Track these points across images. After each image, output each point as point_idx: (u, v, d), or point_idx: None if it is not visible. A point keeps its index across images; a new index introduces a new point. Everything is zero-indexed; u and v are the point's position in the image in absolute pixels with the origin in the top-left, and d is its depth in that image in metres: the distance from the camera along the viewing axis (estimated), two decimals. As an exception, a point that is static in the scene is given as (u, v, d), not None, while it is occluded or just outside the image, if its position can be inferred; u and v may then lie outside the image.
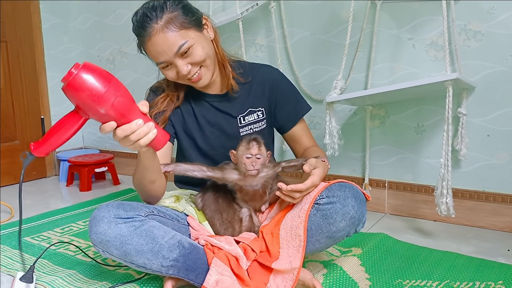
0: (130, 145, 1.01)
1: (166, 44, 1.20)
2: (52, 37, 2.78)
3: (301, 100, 1.47)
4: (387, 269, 1.37)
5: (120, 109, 0.95)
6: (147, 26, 1.20)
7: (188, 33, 1.22)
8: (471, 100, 1.72)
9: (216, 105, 1.39)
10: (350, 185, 1.18)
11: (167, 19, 1.20)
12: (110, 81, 0.93)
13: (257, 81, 1.41)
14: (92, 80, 0.90)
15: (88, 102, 0.91)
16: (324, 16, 1.99)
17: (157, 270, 1.13)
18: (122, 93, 0.95)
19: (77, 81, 0.89)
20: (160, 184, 1.26)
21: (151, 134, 1.00)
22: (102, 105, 0.92)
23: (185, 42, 1.21)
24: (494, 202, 1.72)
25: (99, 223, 1.11)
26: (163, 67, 1.28)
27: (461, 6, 1.69)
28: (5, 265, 1.44)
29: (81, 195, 2.36)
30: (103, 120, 0.96)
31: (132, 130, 0.97)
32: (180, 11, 1.22)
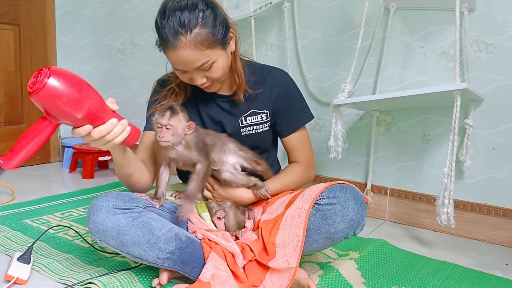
0: (103, 144, 1.03)
1: (189, 59, 1.17)
2: (65, 24, 2.80)
3: (305, 109, 1.45)
4: (383, 274, 1.36)
5: (95, 112, 0.93)
6: (174, 37, 1.14)
7: (213, 51, 1.19)
8: (478, 112, 1.71)
9: (222, 104, 1.38)
10: (351, 187, 1.18)
11: (196, 35, 1.14)
12: (82, 84, 0.90)
13: (267, 84, 1.38)
14: (65, 86, 0.87)
15: (63, 108, 0.88)
16: (336, 19, 1.99)
17: (153, 261, 1.14)
18: (94, 95, 0.93)
19: (50, 88, 0.85)
20: (138, 177, 1.26)
21: (125, 132, 1.03)
22: (78, 110, 0.90)
23: (208, 60, 1.18)
24: (496, 215, 1.71)
25: (97, 213, 1.11)
26: (178, 71, 1.25)
27: (474, 17, 1.68)
28: (4, 245, 1.45)
29: (83, 182, 2.37)
30: (78, 124, 0.94)
31: (108, 130, 1.00)
32: (210, 26, 1.16)
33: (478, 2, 1.66)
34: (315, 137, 2.10)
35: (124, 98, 2.82)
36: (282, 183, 1.37)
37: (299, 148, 1.44)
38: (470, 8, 1.67)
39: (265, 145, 1.44)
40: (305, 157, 1.44)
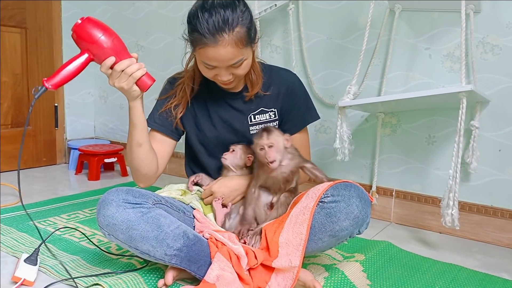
0: (125, 80, 1.16)
1: (227, 56, 1.19)
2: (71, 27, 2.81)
3: (312, 109, 1.47)
4: (389, 276, 1.36)
5: (117, 47, 1.15)
6: (217, 32, 1.15)
7: (247, 50, 1.23)
8: (484, 114, 1.71)
9: (232, 103, 1.40)
10: (355, 185, 1.18)
11: (237, 33, 1.17)
12: (108, 29, 1.15)
13: (275, 84, 1.41)
14: (95, 25, 1.14)
15: (92, 41, 1.13)
16: (341, 21, 1.99)
17: (160, 258, 1.14)
18: (117, 38, 1.16)
19: (84, 25, 1.13)
20: (147, 151, 1.30)
21: (142, 70, 1.17)
22: (104, 42, 1.13)
23: (242, 58, 1.22)
24: (502, 218, 1.71)
25: (108, 206, 1.13)
26: (206, 67, 1.25)
27: (480, 18, 1.68)
28: (11, 246, 1.46)
29: (89, 184, 2.38)
30: (104, 57, 1.15)
31: (128, 64, 1.14)
32: (248, 26, 1.20)
33: (483, 3, 1.66)
34: (320, 139, 2.10)
35: (129, 100, 2.83)
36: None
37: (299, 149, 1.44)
38: (475, 9, 1.66)
39: None
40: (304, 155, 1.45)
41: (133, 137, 1.27)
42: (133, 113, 1.24)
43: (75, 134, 2.92)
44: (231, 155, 1.35)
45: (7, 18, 2.50)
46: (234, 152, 1.36)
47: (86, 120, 2.98)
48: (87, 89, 2.95)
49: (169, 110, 1.40)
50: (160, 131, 1.40)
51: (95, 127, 3.03)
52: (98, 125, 3.01)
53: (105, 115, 2.97)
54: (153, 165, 1.33)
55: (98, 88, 2.98)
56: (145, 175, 1.33)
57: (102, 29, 1.14)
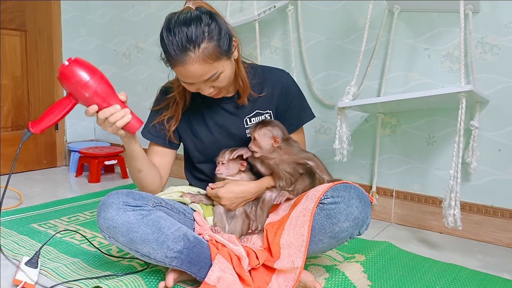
0: (109, 127, 1.18)
1: (198, 73, 1.19)
2: (71, 29, 2.82)
3: (306, 108, 1.47)
4: (389, 277, 1.36)
5: (101, 95, 1.15)
6: (183, 53, 1.16)
7: (220, 63, 1.21)
8: (484, 114, 1.71)
9: (227, 107, 1.40)
10: (355, 186, 1.18)
11: (204, 50, 1.16)
12: (95, 72, 1.15)
13: (268, 84, 1.40)
14: (79, 71, 1.12)
15: (75, 87, 1.13)
16: (340, 22, 1.99)
17: (160, 260, 1.14)
18: (104, 83, 1.15)
19: (68, 71, 1.12)
20: (147, 174, 1.35)
21: (126, 118, 1.18)
22: (86, 90, 1.13)
23: (216, 72, 1.21)
24: (502, 217, 1.71)
25: (108, 209, 1.13)
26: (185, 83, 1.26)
27: (479, 19, 1.68)
28: (12, 249, 1.46)
29: (89, 186, 2.38)
30: (88, 103, 1.15)
31: (110, 113, 1.15)
32: (216, 39, 1.18)
33: (482, 3, 1.66)
34: (320, 140, 2.10)
35: (129, 102, 2.79)
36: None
37: None
38: (474, 9, 1.66)
39: None
40: None
41: (132, 165, 1.33)
42: (127, 148, 1.28)
43: (75, 136, 2.92)
44: (223, 168, 1.35)
45: (7, 21, 2.51)
46: (224, 164, 1.36)
47: (86, 122, 2.98)
48: (87, 92, 2.95)
49: (162, 123, 1.40)
50: (157, 143, 1.42)
51: (95, 130, 3.03)
52: (98, 127, 3.01)
53: (105, 117, 2.97)
54: (156, 181, 1.38)
55: (98, 90, 2.97)
56: (150, 190, 1.36)
57: (89, 73, 1.13)
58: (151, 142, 1.43)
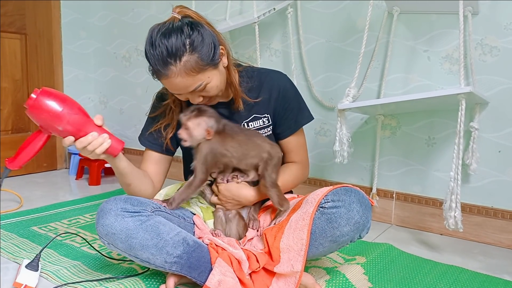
0: (89, 154, 1.15)
1: (181, 85, 1.18)
2: (71, 32, 2.83)
3: (305, 109, 1.44)
4: (390, 279, 1.36)
5: (75, 125, 1.10)
6: (164, 67, 1.15)
7: (205, 74, 1.19)
8: (483, 115, 1.71)
9: (223, 111, 1.37)
10: (356, 190, 1.18)
11: (186, 62, 1.14)
12: (65, 101, 1.09)
13: (265, 88, 1.38)
14: (49, 102, 1.06)
15: (47, 121, 1.08)
16: (340, 24, 2.00)
17: (160, 265, 1.14)
18: (76, 111, 1.10)
19: (37, 104, 1.06)
20: (136, 186, 1.32)
21: (106, 144, 1.14)
22: (59, 123, 1.08)
23: (201, 83, 1.19)
24: (503, 219, 1.71)
25: (106, 216, 1.12)
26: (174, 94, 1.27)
27: (478, 20, 1.68)
28: (12, 252, 1.46)
29: (89, 189, 2.38)
30: (63, 135, 1.11)
31: (88, 141, 1.12)
32: (198, 51, 1.16)
33: (481, 5, 1.66)
34: (320, 142, 2.10)
35: (129, 105, 2.84)
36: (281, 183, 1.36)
37: (296, 150, 1.44)
38: (473, 11, 1.67)
39: None
40: (301, 158, 1.45)
41: (121, 180, 1.31)
42: (113, 166, 1.26)
43: (75, 139, 2.92)
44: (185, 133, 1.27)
45: (7, 24, 2.51)
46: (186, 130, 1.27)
47: (86, 125, 2.98)
48: (87, 94, 2.96)
49: (159, 130, 1.39)
50: (153, 150, 1.41)
51: (95, 132, 3.03)
52: (98, 130, 3.01)
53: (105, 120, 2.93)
54: (147, 191, 1.36)
55: (98, 93, 2.98)
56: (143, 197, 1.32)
57: (60, 103, 1.07)
58: (147, 148, 1.42)
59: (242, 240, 1.30)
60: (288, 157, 1.45)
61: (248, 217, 1.35)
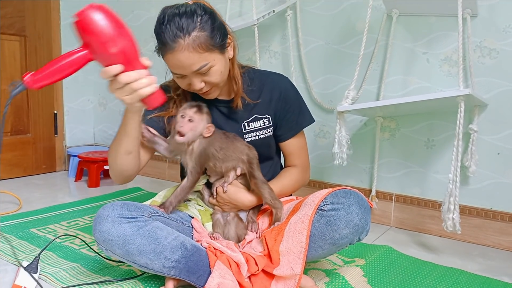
0: (128, 95, 0.99)
1: (187, 62, 1.17)
2: (70, 34, 2.82)
3: (305, 112, 1.44)
4: (389, 281, 1.36)
5: (127, 54, 0.94)
6: (172, 39, 1.15)
7: (211, 55, 1.19)
8: (482, 117, 1.71)
9: (223, 110, 1.38)
10: (355, 192, 1.18)
11: (195, 38, 1.15)
12: (122, 26, 0.92)
13: (266, 89, 1.38)
14: (105, 20, 0.89)
15: (100, 39, 0.90)
16: (339, 26, 2.00)
17: (159, 270, 1.14)
18: (131, 41, 0.94)
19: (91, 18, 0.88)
20: (134, 158, 1.23)
21: (151, 87, 0.99)
22: (112, 45, 0.91)
23: (206, 64, 1.18)
24: (502, 221, 1.71)
25: (103, 222, 1.12)
26: (177, 76, 1.26)
27: (477, 22, 1.69)
28: (11, 254, 1.46)
29: (89, 191, 2.38)
30: (109, 62, 0.94)
31: (136, 77, 0.96)
32: (209, 31, 1.17)
33: (480, 7, 1.67)
34: (319, 144, 2.11)
35: (129, 107, 2.83)
36: (280, 187, 1.38)
37: (297, 153, 1.44)
38: (472, 13, 1.67)
39: (269, 153, 1.44)
40: (302, 161, 1.45)
41: (123, 145, 1.20)
42: (129, 123, 1.15)
43: (74, 141, 2.92)
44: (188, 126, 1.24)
45: (7, 26, 2.51)
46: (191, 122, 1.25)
47: (85, 127, 2.98)
48: (86, 96, 2.96)
49: (162, 119, 1.36)
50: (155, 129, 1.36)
51: (94, 134, 3.03)
52: (98, 132, 3.02)
53: (105, 122, 2.98)
54: (136, 167, 1.28)
55: (97, 95, 2.98)
56: (126, 176, 1.29)
57: (115, 25, 0.91)
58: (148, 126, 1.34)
59: (242, 243, 1.30)
60: (289, 160, 1.45)
61: (247, 220, 1.35)
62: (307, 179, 1.48)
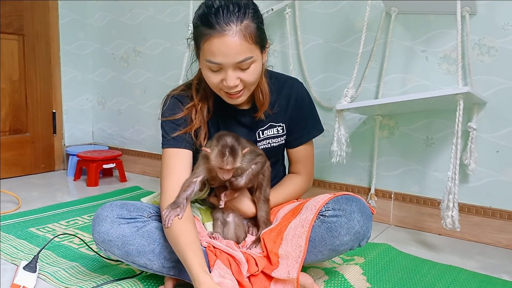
0: None
1: (234, 49, 1.09)
2: (69, 33, 2.82)
3: (317, 122, 1.42)
4: (388, 279, 1.36)
5: None
6: (226, 22, 1.08)
7: (256, 50, 1.14)
8: (482, 115, 1.71)
9: (240, 119, 1.33)
10: (357, 199, 1.17)
11: (247, 26, 1.10)
12: None
13: (282, 96, 1.34)
14: None
15: None
16: (338, 25, 2.00)
17: (158, 270, 1.14)
18: None
19: None
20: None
21: None
22: None
23: (251, 57, 1.12)
24: (501, 219, 1.71)
25: (102, 223, 1.12)
26: (211, 68, 1.14)
27: (476, 20, 1.69)
28: (10, 254, 1.46)
29: (87, 190, 2.38)
30: None
31: None
32: (257, 25, 1.13)
33: (479, 5, 1.67)
34: (318, 142, 2.10)
35: (127, 106, 2.83)
36: (284, 196, 1.36)
37: (304, 161, 1.42)
38: (471, 11, 1.67)
39: (277, 157, 1.42)
40: (307, 169, 1.43)
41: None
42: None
43: (73, 140, 2.91)
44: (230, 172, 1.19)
45: (5, 25, 2.51)
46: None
47: (84, 126, 2.98)
48: (85, 95, 2.95)
49: (189, 135, 1.25)
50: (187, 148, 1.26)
51: (93, 133, 3.03)
52: (97, 131, 3.01)
53: (103, 121, 2.97)
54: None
55: (96, 94, 2.98)
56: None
57: None
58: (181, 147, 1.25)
59: (242, 244, 1.30)
60: (295, 167, 1.43)
61: (247, 224, 1.35)
62: (309, 187, 1.46)
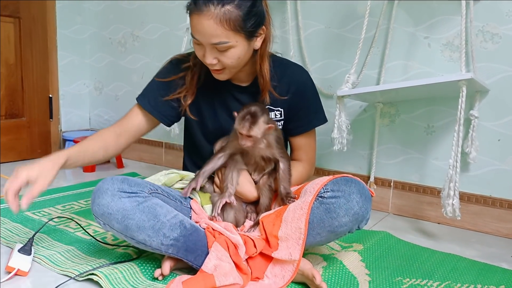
0: None
1: (209, 31, 1.13)
2: (66, 17, 2.78)
3: (320, 111, 1.42)
4: (387, 266, 1.35)
5: None
6: (204, 3, 1.12)
7: (235, 36, 1.15)
8: (484, 103, 1.69)
9: (237, 95, 1.35)
10: (356, 181, 1.16)
11: (226, 11, 1.12)
12: None
13: (284, 81, 1.34)
14: None
15: None
16: (340, 10, 1.97)
17: (156, 248, 1.13)
18: None
19: None
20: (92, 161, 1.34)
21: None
22: None
23: (226, 42, 1.15)
24: (501, 208, 1.70)
25: (103, 195, 1.11)
26: (195, 41, 1.21)
27: (480, 7, 1.66)
28: (5, 237, 1.44)
29: (84, 176, 2.36)
30: None
31: None
32: (244, 12, 1.14)
33: (483, -9, 1.64)
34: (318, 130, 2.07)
35: (125, 91, 2.80)
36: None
37: (305, 148, 1.42)
38: (475, -3, 1.64)
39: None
40: (308, 157, 1.43)
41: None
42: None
43: (70, 125, 2.89)
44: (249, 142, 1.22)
45: (1, 8, 2.47)
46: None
47: (81, 111, 2.95)
48: (82, 80, 2.92)
49: (178, 100, 1.35)
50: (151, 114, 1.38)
51: (90, 119, 3.00)
52: (93, 116, 2.98)
53: (100, 106, 2.94)
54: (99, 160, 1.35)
55: (93, 79, 2.94)
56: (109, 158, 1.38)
57: None
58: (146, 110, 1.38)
59: (240, 228, 1.29)
60: (296, 155, 1.43)
61: (246, 209, 1.34)
62: (311, 175, 1.45)
